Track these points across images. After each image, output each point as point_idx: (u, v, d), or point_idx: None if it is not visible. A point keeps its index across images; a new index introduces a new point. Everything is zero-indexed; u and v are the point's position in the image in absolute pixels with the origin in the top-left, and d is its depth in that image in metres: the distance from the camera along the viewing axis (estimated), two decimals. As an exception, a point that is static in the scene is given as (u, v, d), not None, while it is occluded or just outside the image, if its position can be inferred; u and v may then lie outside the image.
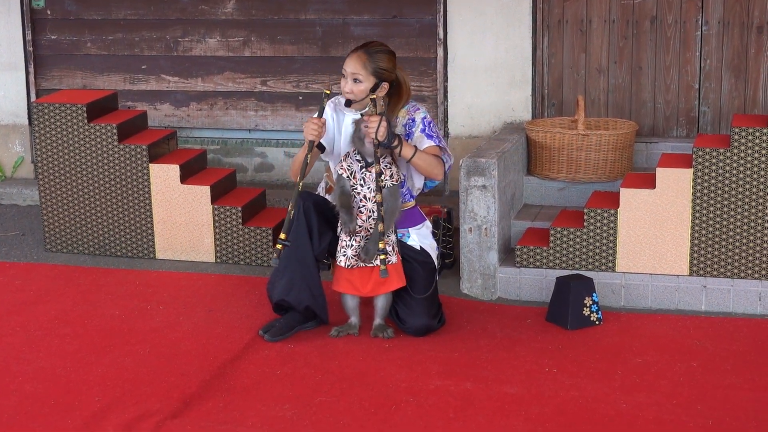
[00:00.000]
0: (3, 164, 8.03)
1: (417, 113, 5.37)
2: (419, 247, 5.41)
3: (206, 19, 7.61)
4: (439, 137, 5.35)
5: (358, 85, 5.30)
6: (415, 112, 5.37)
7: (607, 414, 4.56)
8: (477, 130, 7.12)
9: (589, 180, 6.36)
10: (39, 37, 7.93)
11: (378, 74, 5.28)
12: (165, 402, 4.70)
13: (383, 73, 5.29)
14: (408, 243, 5.41)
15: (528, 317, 5.60)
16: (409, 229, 5.42)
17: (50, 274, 6.33)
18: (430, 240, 5.47)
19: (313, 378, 4.93)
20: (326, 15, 7.40)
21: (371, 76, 5.28)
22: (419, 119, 5.34)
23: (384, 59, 5.30)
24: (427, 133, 5.31)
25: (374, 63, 5.27)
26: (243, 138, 7.73)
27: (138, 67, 7.79)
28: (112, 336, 5.43)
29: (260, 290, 5.91)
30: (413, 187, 5.43)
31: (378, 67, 5.27)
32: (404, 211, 5.41)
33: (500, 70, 7.03)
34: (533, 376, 4.92)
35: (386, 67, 5.29)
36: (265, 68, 7.57)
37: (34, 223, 7.28)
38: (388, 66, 5.30)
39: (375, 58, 5.28)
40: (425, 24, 7.21)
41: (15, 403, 4.73)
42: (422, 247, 5.42)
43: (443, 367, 5.02)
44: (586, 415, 4.56)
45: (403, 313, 5.40)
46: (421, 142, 5.29)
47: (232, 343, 5.30)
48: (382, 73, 5.28)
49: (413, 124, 5.34)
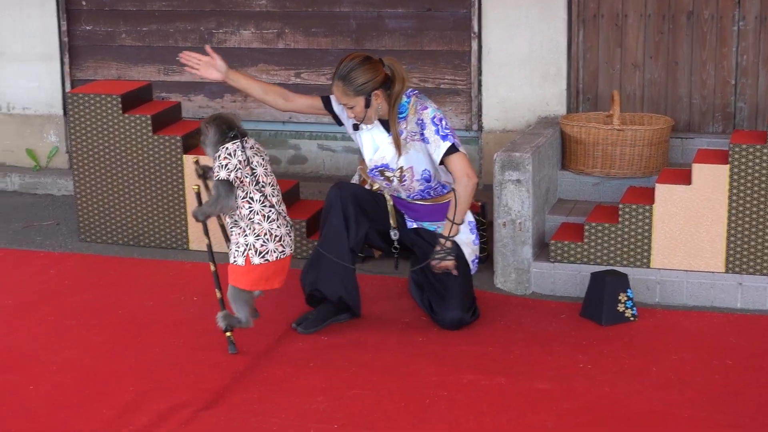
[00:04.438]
0: (38, 154, 8.06)
1: (425, 113, 5.30)
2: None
3: (240, 11, 7.61)
4: (453, 132, 5.29)
5: (353, 110, 5.31)
6: (422, 111, 5.31)
7: (640, 411, 4.53)
8: (511, 124, 7.09)
9: (624, 175, 6.32)
10: (74, 28, 7.95)
11: (361, 92, 5.24)
12: (198, 393, 4.71)
13: (365, 86, 5.24)
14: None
15: (562, 312, 5.57)
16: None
17: (84, 263, 6.35)
18: (465, 235, 5.44)
19: (346, 371, 4.93)
20: (360, 8, 7.39)
21: (357, 97, 5.26)
22: (428, 119, 5.28)
23: (358, 75, 5.23)
24: (441, 133, 5.26)
25: (351, 85, 5.23)
26: (276, 130, 7.73)
27: (172, 58, 7.79)
28: (145, 326, 5.44)
29: (293, 282, 5.91)
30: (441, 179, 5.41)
31: (357, 87, 5.23)
32: (441, 204, 5.39)
33: (535, 64, 7.00)
34: (566, 371, 4.90)
35: (364, 81, 5.24)
36: (299, 60, 7.57)
37: (68, 212, 7.31)
38: (366, 78, 5.24)
39: (349, 80, 5.23)
40: (459, 17, 7.18)
41: (47, 392, 4.75)
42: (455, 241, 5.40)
43: (476, 362, 5.01)
44: (619, 411, 4.53)
45: (436, 305, 5.39)
46: (439, 146, 5.23)
47: (266, 334, 5.31)
48: (364, 88, 5.24)
49: (423, 125, 5.28)
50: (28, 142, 8.08)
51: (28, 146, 8.08)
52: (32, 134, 8.07)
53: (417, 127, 5.30)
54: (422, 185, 5.39)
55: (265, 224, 5.07)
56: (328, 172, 7.59)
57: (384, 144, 5.37)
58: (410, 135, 5.31)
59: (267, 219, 5.08)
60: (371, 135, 5.42)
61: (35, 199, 7.71)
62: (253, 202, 5.07)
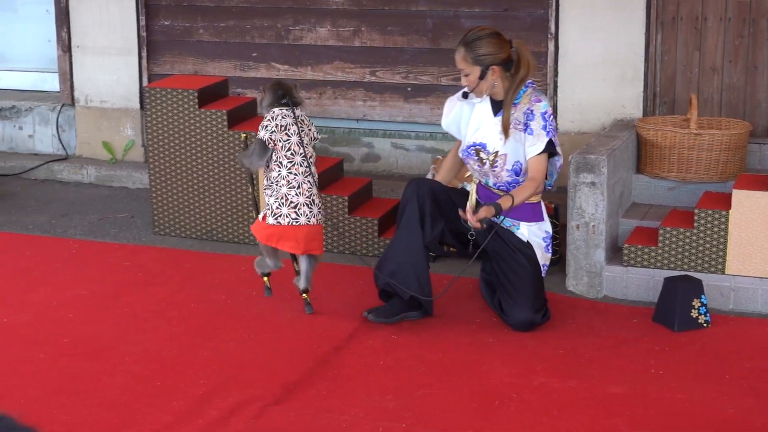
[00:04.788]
0: (114, 147, 8.15)
1: (537, 106, 5.30)
2: (526, 240, 5.38)
3: (317, 9, 7.64)
4: (555, 133, 5.31)
5: (467, 78, 5.33)
6: (535, 103, 5.31)
7: (714, 419, 4.49)
8: (586, 126, 7.05)
9: (700, 180, 6.26)
10: (152, 23, 8.03)
11: (479, 62, 5.28)
12: (268, 388, 4.74)
13: (485, 58, 5.27)
14: (516, 233, 5.38)
15: (634, 317, 5.53)
16: (522, 222, 5.38)
17: (158, 256, 6.41)
18: (539, 239, 5.42)
19: (416, 370, 4.93)
20: (437, 6, 7.38)
21: (474, 66, 5.29)
22: (539, 113, 5.28)
23: (481, 45, 5.28)
24: (548, 130, 5.26)
25: (473, 52, 5.28)
26: (350, 128, 7.75)
27: (249, 54, 7.85)
28: (218, 320, 5.48)
29: (365, 279, 5.92)
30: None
31: (477, 55, 5.27)
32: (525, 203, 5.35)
33: (611, 66, 6.95)
34: (639, 376, 4.86)
35: (486, 52, 5.27)
36: (375, 58, 7.58)
37: (143, 205, 7.38)
38: (488, 50, 5.28)
39: (471, 47, 5.29)
40: (536, 18, 7.15)
41: (122, 383, 4.80)
42: (529, 241, 5.39)
43: (547, 364, 4.99)
44: (692, 418, 4.49)
45: (506, 305, 5.37)
46: (538, 141, 5.24)
47: (337, 331, 5.32)
48: (484, 59, 5.27)
49: (532, 116, 5.28)
50: (104, 135, 8.18)
51: (105, 139, 8.17)
52: (109, 127, 8.16)
53: (524, 117, 5.29)
54: (510, 177, 5.36)
55: (284, 189, 5.37)
56: (401, 171, 7.60)
57: (488, 124, 5.38)
58: (515, 123, 5.30)
59: (288, 184, 5.37)
60: (478, 112, 5.42)
61: (110, 192, 7.79)
62: (281, 167, 5.39)
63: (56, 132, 8.33)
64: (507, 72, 5.33)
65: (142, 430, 4.38)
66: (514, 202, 5.20)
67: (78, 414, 4.51)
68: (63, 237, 6.80)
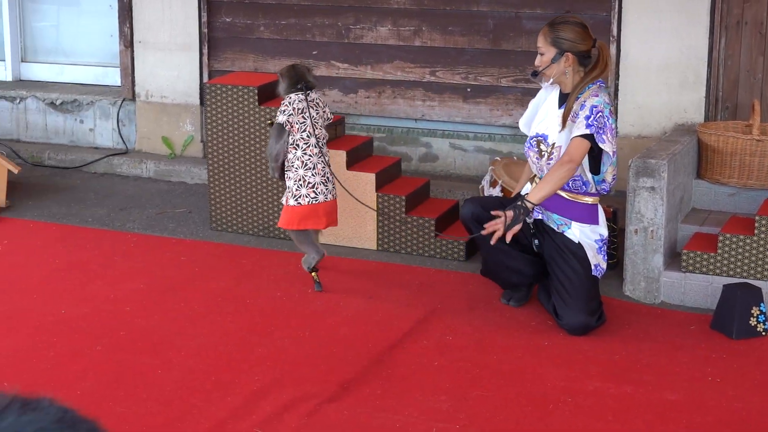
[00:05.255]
0: (173, 142, 8.20)
1: (592, 99, 5.23)
2: (577, 241, 5.34)
3: (378, 8, 7.64)
4: (602, 129, 5.19)
5: (541, 57, 5.35)
6: (592, 97, 5.25)
7: (771, 428, 4.44)
8: (646, 130, 7.00)
9: (761, 187, 6.19)
10: (214, 19, 8.07)
11: (557, 44, 5.29)
12: (323, 386, 4.74)
13: (563, 42, 5.28)
14: (566, 234, 5.34)
15: (691, 323, 5.48)
16: (573, 222, 5.34)
17: (215, 252, 6.44)
18: (591, 241, 5.38)
19: (470, 371, 4.92)
20: (499, 7, 7.36)
21: (551, 47, 5.30)
22: (590, 105, 5.22)
23: (567, 29, 5.29)
24: (589, 122, 5.21)
25: (553, 33, 5.30)
26: (409, 127, 7.75)
27: (309, 52, 7.87)
28: (273, 317, 5.50)
29: (421, 279, 5.92)
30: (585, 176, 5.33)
31: (557, 37, 5.29)
32: (576, 202, 5.33)
33: (673, 70, 6.89)
34: (695, 384, 4.82)
35: (567, 37, 5.28)
36: (435, 58, 7.57)
37: (201, 201, 7.42)
38: (570, 36, 5.28)
39: (557, 29, 5.31)
40: (599, 20, 7.10)
41: (177, 377, 4.83)
42: (580, 242, 5.35)
43: (602, 369, 4.96)
44: (749, 428, 4.44)
45: (560, 309, 5.34)
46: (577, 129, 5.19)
47: (391, 331, 5.32)
48: (562, 43, 5.28)
49: (583, 107, 5.24)
50: (164, 130, 8.23)
51: (164, 134, 8.22)
52: (169, 122, 8.22)
53: (578, 108, 5.27)
54: None
55: (301, 171, 5.71)
56: (459, 171, 7.58)
57: (552, 116, 5.38)
58: (572, 115, 5.28)
59: (304, 166, 5.71)
60: (547, 104, 5.43)
61: (169, 187, 7.84)
62: (297, 149, 5.73)
63: (116, 126, 8.40)
64: (581, 66, 5.32)
65: (197, 426, 4.41)
66: (545, 190, 5.21)
67: (134, 407, 4.55)
68: (121, 231, 6.85)
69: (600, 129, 5.18)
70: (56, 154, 8.32)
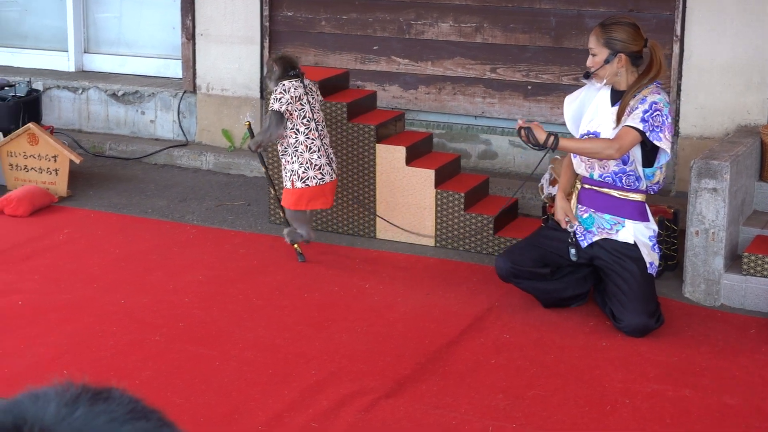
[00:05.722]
0: (233, 135, 8.23)
1: (652, 96, 5.22)
2: (632, 242, 5.31)
3: (440, 4, 7.63)
4: (659, 128, 5.16)
5: (594, 58, 5.33)
6: (653, 94, 5.24)
7: (832, 435, 4.39)
8: (709, 131, 6.93)
9: (824, 190, 6.12)
10: (276, 13, 8.09)
11: (610, 45, 5.26)
12: (380, 381, 4.75)
13: (616, 43, 5.26)
14: (620, 234, 5.31)
15: (752, 327, 5.43)
16: (627, 220, 5.31)
17: (273, 245, 6.45)
18: (645, 239, 5.34)
19: (527, 370, 4.90)
20: (561, 5, 7.32)
21: (604, 47, 5.28)
22: (650, 101, 5.20)
23: (619, 30, 5.27)
24: (645, 117, 5.17)
25: (606, 34, 5.28)
26: (468, 124, 7.73)
27: (370, 47, 7.88)
28: (331, 311, 5.50)
29: (479, 277, 5.91)
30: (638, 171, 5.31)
31: (610, 38, 5.26)
32: (626, 200, 5.30)
33: (737, 71, 6.82)
34: (755, 388, 4.77)
35: (620, 38, 5.25)
36: (496, 55, 7.55)
37: (259, 194, 7.44)
38: (622, 37, 5.25)
39: (609, 29, 5.29)
40: (662, 19, 7.05)
41: (235, 368, 4.85)
42: (635, 242, 5.31)
43: (661, 371, 4.92)
44: (809, 434, 4.39)
45: (618, 311, 5.31)
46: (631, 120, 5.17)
47: (449, 328, 5.31)
48: (614, 44, 5.26)
49: (643, 102, 5.22)
50: (224, 122, 8.27)
51: (225, 127, 8.26)
52: (229, 115, 8.25)
53: (636, 103, 5.24)
54: (617, 165, 5.30)
55: (306, 154, 5.95)
56: (518, 169, 7.55)
57: (605, 113, 5.36)
58: (628, 110, 5.25)
59: (309, 149, 5.95)
60: (596, 101, 5.40)
61: (228, 179, 7.88)
62: (298, 134, 5.95)
63: (177, 118, 8.45)
64: (634, 66, 5.28)
65: (254, 418, 4.43)
66: (578, 145, 5.30)
67: (191, 398, 4.57)
68: (181, 222, 6.89)
69: (656, 127, 5.16)
70: (117, 144, 8.38)
